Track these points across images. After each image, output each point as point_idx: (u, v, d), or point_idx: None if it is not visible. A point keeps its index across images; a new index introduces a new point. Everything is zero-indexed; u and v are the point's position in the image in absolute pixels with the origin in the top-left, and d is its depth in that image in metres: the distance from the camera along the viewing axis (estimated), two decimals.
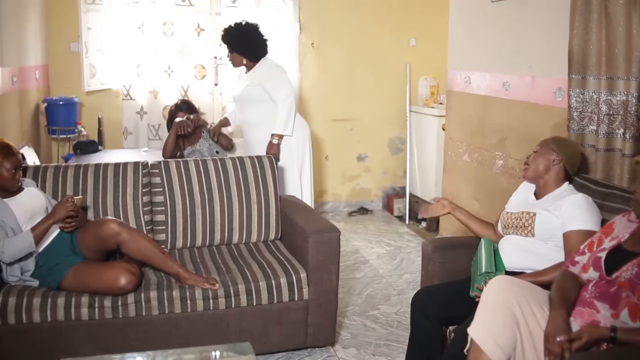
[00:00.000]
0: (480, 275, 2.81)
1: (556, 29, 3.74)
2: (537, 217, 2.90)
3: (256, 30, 4.85)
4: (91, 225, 3.33)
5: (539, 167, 3.02)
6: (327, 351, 3.59)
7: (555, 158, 3.00)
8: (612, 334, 2.14)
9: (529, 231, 2.91)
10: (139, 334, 3.19)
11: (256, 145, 4.76)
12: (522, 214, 2.98)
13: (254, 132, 4.79)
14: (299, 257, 3.57)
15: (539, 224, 2.89)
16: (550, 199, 2.97)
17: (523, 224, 2.95)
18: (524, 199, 3.13)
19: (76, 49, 5.93)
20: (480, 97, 4.73)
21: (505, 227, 3.07)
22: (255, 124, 4.77)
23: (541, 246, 2.89)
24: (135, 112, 6.17)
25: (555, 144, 3.03)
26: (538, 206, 2.97)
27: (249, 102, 4.77)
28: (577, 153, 3.10)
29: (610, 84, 3.25)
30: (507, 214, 3.10)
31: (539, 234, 2.89)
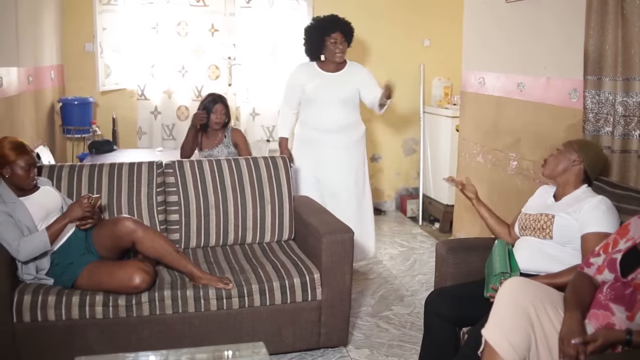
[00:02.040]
0: (495, 276, 2.79)
1: (571, 29, 3.72)
2: (555, 220, 2.88)
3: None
4: (106, 223, 3.35)
5: (558, 165, 3.01)
6: (339, 352, 3.58)
7: (576, 159, 2.98)
8: (627, 336, 2.13)
9: (547, 234, 2.89)
10: (152, 333, 3.20)
11: (356, 145, 4.73)
12: (540, 215, 2.96)
13: (352, 134, 4.70)
14: (312, 257, 3.57)
15: (557, 227, 2.87)
16: (570, 201, 2.95)
17: (541, 226, 2.93)
18: (542, 201, 3.11)
19: (91, 49, 5.96)
20: (494, 98, 4.71)
21: (523, 229, 3.05)
22: (344, 126, 4.65)
23: (558, 249, 2.86)
24: (150, 112, 6.20)
25: (577, 145, 3.01)
26: (557, 208, 2.95)
27: (352, 103, 4.69)
28: (600, 158, 3.08)
29: (627, 85, 3.23)
30: (526, 215, 3.08)
31: (557, 237, 2.87)
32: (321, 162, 4.63)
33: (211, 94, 4.84)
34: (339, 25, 4.57)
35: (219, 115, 4.68)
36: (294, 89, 4.71)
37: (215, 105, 4.67)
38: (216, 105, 4.68)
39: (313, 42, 4.63)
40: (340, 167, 4.64)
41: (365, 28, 6.39)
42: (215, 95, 4.80)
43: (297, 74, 4.74)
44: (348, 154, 4.67)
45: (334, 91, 4.60)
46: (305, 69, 4.72)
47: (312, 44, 4.65)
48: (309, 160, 4.68)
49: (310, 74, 4.65)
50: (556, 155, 3.04)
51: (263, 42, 6.24)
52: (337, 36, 4.54)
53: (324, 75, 4.65)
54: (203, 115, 4.67)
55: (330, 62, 4.64)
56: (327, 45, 4.56)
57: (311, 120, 4.65)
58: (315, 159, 4.65)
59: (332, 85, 4.62)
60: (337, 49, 4.55)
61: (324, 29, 4.55)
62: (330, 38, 4.53)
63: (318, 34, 4.58)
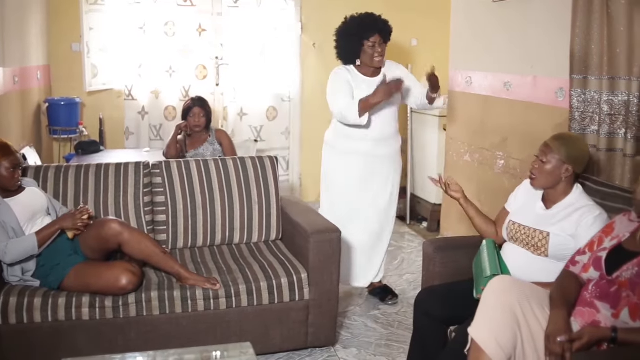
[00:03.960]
0: (486, 278, 2.73)
1: (558, 28, 3.73)
2: (551, 238, 2.77)
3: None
4: (93, 225, 3.33)
5: (549, 179, 2.85)
6: (328, 351, 3.58)
7: (567, 169, 2.82)
8: (613, 334, 2.14)
9: (543, 252, 2.80)
10: (140, 334, 3.19)
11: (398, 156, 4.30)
12: (534, 232, 2.84)
13: (396, 144, 4.27)
14: (300, 257, 3.57)
15: (553, 246, 2.77)
16: (563, 209, 2.83)
17: (536, 243, 2.82)
18: (531, 207, 2.97)
19: (78, 49, 5.94)
20: (481, 97, 4.73)
21: (514, 239, 2.95)
22: (391, 134, 4.22)
23: (553, 263, 2.76)
24: (137, 112, 6.18)
25: (563, 153, 2.81)
26: (551, 222, 2.82)
27: (396, 110, 4.24)
28: (584, 152, 2.91)
29: (612, 84, 3.25)
30: (515, 226, 2.95)
31: (553, 255, 2.78)
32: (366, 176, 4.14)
33: (189, 99, 4.96)
34: (377, 27, 4.06)
35: (197, 118, 4.74)
36: (346, 83, 4.07)
37: (193, 109, 4.74)
38: (193, 109, 4.75)
39: (349, 45, 4.10)
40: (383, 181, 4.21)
41: None
42: (191, 99, 4.91)
43: (340, 74, 4.13)
44: (392, 164, 4.24)
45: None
46: (347, 72, 4.12)
47: (348, 48, 4.11)
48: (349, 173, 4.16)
49: (355, 79, 4.08)
50: (542, 168, 2.86)
51: (251, 42, 6.25)
52: (376, 39, 4.03)
53: (368, 82, 4.08)
54: (184, 125, 4.78)
55: (367, 66, 4.11)
56: (365, 50, 4.04)
57: (354, 132, 4.07)
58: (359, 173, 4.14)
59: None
60: (376, 53, 4.04)
61: (362, 32, 4.04)
62: (369, 42, 4.02)
63: (355, 37, 4.05)
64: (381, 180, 4.19)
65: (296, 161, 6.65)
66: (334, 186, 4.25)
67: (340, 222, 3.74)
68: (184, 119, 4.83)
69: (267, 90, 6.42)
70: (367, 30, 4.04)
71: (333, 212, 4.12)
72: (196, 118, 4.75)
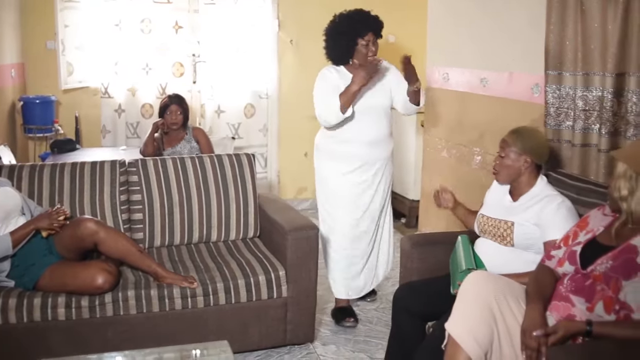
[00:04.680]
0: (462, 272, 2.78)
1: (533, 25, 3.75)
2: (515, 228, 2.84)
3: None
4: (68, 225, 3.30)
5: (510, 172, 2.93)
6: (306, 348, 3.58)
7: (525, 160, 2.90)
8: (587, 327, 2.16)
9: (508, 242, 2.87)
10: (117, 333, 3.17)
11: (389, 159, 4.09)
12: (500, 222, 2.92)
13: (383, 149, 4.01)
14: (277, 254, 3.56)
15: (518, 235, 2.84)
16: (528, 200, 2.90)
17: (502, 233, 2.89)
18: (499, 200, 3.06)
19: (53, 46, 5.87)
20: (458, 94, 4.74)
21: (482, 232, 3.03)
22: (385, 135, 4.00)
23: (520, 253, 2.85)
24: (114, 110, 6.13)
25: (519, 145, 2.90)
26: (515, 212, 2.90)
27: (389, 110, 4.02)
28: (541, 144, 2.99)
29: (586, 80, 3.27)
30: (484, 218, 3.03)
31: (518, 244, 2.84)
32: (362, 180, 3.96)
33: (166, 96, 4.93)
34: (370, 24, 3.86)
35: (174, 115, 4.74)
36: (334, 85, 3.84)
37: (170, 107, 4.74)
38: (170, 106, 4.74)
39: (342, 45, 3.89)
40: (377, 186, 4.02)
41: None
42: (168, 97, 4.90)
43: (329, 77, 3.93)
44: (387, 167, 4.06)
45: (373, 98, 3.90)
46: (336, 73, 3.92)
47: (340, 48, 3.90)
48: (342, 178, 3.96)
49: (345, 81, 3.83)
50: (502, 163, 2.95)
51: (228, 39, 6.21)
52: (369, 37, 3.84)
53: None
54: (161, 123, 4.76)
55: (360, 66, 3.85)
56: (359, 49, 3.84)
57: (347, 135, 3.88)
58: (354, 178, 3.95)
59: (370, 91, 3.89)
60: (370, 52, 3.84)
61: (355, 30, 3.83)
62: (362, 40, 3.82)
63: (347, 36, 3.84)
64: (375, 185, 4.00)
65: (274, 158, 6.63)
66: (334, 195, 3.98)
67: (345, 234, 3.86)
68: (160, 116, 4.81)
69: (245, 88, 6.40)
70: (359, 28, 3.84)
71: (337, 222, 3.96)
72: (173, 115, 4.74)
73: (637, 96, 2.98)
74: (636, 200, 2.26)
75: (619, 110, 3.11)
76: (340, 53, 3.92)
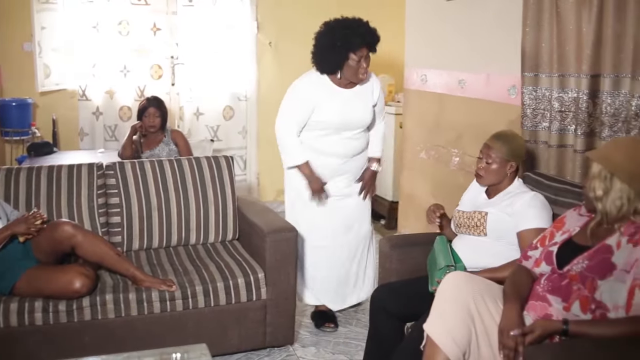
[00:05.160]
0: (441, 270, 2.82)
1: (510, 27, 3.78)
2: (488, 217, 2.91)
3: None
4: (45, 229, 3.26)
5: (496, 177, 2.98)
6: (286, 350, 3.58)
7: (510, 165, 2.97)
8: (564, 326, 2.18)
9: (481, 230, 2.93)
10: (95, 337, 3.14)
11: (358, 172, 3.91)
12: (473, 213, 2.99)
13: (359, 160, 3.87)
14: (256, 257, 3.55)
15: (490, 223, 2.90)
16: (502, 197, 2.98)
17: (475, 223, 2.96)
18: (475, 197, 3.13)
19: (29, 48, 5.82)
20: (436, 95, 4.77)
21: (458, 226, 3.08)
22: (363, 148, 3.86)
23: (494, 244, 2.91)
24: (91, 113, 6.09)
25: (505, 151, 2.95)
26: (490, 205, 2.98)
27: (364, 126, 3.82)
28: (522, 146, 3.07)
29: (562, 81, 3.30)
30: (459, 213, 3.09)
31: (491, 233, 2.91)
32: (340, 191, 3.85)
33: (144, 99, 4.90)
34: (365, 39, 3.59)
35: (152, 118, 4.71)
36: (305, 106, 3.68)
37: (147, 110, 4.71)
38: (148, 109, 4.72)
39: (332, 57, 3.63)
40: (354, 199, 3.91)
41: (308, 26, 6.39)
42: (146, 99, 4.87)
43: (307, 89, 3.73)
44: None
45: (354, 113, 3.72)
46: (317, 84, 3.71)
47: (330, 59, 3.65)
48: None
49: (326, 92, 3.68)
50: (487, 168, 2.97)
51: (206, 41, 6.20)
52: (362, 52, 3.57)
53: (341, 94, 3.70)
54: (139, 126, 4.74)
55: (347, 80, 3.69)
56: (349, 64, 3.58)
57: (325, 147, 3.73)
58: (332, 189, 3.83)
59: (352, 105, 3.71)
60: (362, 69, 3.60)
61: (348, 44, 3.56)
62: (354, 55, 3.56)
63: (340, 48, 3.58)
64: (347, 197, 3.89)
65: (253, 160, 6.62)
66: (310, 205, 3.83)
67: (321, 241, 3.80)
68: (139, 119, 4.78)
69: (224, 90, 6.38)
70: (353, 41, 3.55)
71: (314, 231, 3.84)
72: (151, 118, 4.72)
73: (612, 97, 3.01)
74: (611, 201, 2.28)
75: (594, 112, 3.14)
76: (329, 65, 3.67)
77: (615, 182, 2.27)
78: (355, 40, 3.55)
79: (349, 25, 3.61)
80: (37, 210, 3.34)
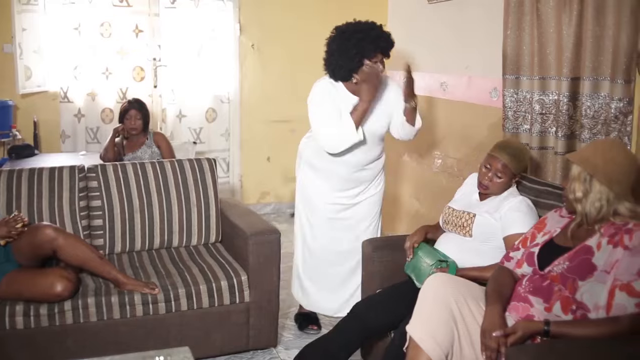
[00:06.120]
0: (433, 264, 2.85)
1: (491, 30, 3.81)
2: (476, 219, 2.94)
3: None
4: (26, 232, 3.24)
5: (503, 189, 3.00)
6: (269, 353, 3.58)
7: (517, 179, 3.03)
8: (545, 327, 2.20)
9: (467, 232, 2.95)
10: (77, 341, 3.12)
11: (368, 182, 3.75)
12: (462, 213, 3.02)
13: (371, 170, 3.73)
14: (239, 259, 3.55)
15: (477, 226, 2.92)
16: (492, 200, 3.00)
17: (462, 223, 2.98)
18: (468, 197, 3.16)
19: (10, 50, 5.76)
20: (419, 98, 4.76)
21: (446, 223, 3.11)
22: (375, 158, 3.71)
23: (479, 245, 2.93)
24: (73, 115, 6.04)
25: (515, 167, 2.96)
26: (480, 207, 3.00)
27: (378, 137, 3.64)
28: (529, 158, 3.12)
29: (543, 84, 3.34)
30: (449, 210, 3.12)
31: (476, 235, 2.93)
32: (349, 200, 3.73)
33: (126, 101, 4.89)
34: (380, 44, 3.43)
35: (134, 120, 4.70)
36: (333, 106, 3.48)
37: (129, 112, 4.70)
38: (129, 111, 4.71)
39: (345, 63, 3.44)
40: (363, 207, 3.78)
41: (291, 28, 6.41)
42: (128, 102, 4.86)
43: (327, 90, 3.55)
44: (375, 187, 3.80)
45: (371, 123, 3.54)
46: (332, 90, 3.54)
47: (343, 66, 3.45)
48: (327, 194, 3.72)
49: (340, 96, 3.52)
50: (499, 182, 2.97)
51: (189, 43, 6.17)
52: (377, 58, 3.43)
53: (355, 101, 3.49)
54: (121, 129, 4.74)
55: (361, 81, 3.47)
56: (364, 70, 3.41)
57: (336, 156, 3.57)
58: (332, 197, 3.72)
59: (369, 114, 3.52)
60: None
61: (363, 50, 3.39)
62: (369, 61, 3.41)
63: (354, 55, 3.41)
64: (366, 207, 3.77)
65: (236, 163, 6.61)
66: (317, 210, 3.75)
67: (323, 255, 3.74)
68: (120, 121, 4.76)
69: (206, 92, 6.36)
70: (369, 48, 3.39)
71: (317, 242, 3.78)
72: (132, 121, 4.70)
73: (591, 100, 3.05)
74: (590, 202, 2.31)
75: (574, 114, 3.18)
76: (342, 71, 3.48)
77: (594, 184, 2.30)
78: (369, 46, 3.39)
79: (362, 30, 3.46)
80: (18, 213, 3.32)
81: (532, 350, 2.20)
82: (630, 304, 2.12)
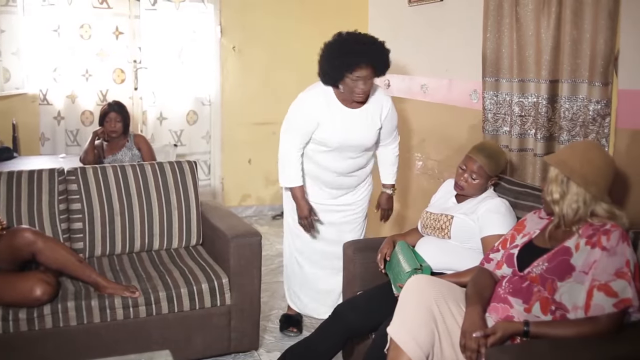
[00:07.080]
0: (407, 273, 2.83)
1: (471, 32, 3.83)
2: (454, 221, 2.95)
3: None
4: (5, 235, 3.22)
5: (479, 191, 3.02)
6: (251, 356, 3.57)
7: (493, 180, 3.06)
8: (525, 328, 2.23)
9: (446, 233, 2.97)
10: (57, 346, 3.09)
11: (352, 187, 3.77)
12: (440, 215, 3.03)
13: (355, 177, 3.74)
14: (220, 262, 3.54)
15: (455, 227, 2.94)
16: (470, 202, 3.02)
17: (440, 225, 3.00)
18: (445, 200, 3.18)
19: None
20: (399, 100, 4.80)
21: (424, 227, 3.12)
22: (361, 166, 3.71)
23: (457, 247, 2.95)
24: (53, 118, 6.00)
25: (492, 168, 2.99)
26: (457, 209, 3.02)
27: (365, 148, 3.63)
28: (505, 161, 3.15)
29: (522, 87, 3.36)
30: (427, 214, 3.14)
31: (455, 237, 2.95)
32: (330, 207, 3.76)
33: (106, 104, 4.89)
34: (367, 57, 3.30)
35: (113, 123, 4.69)
36: (310, 120, 3.48)
37: (109, 114, 4.70)
38: (109, 114, 4.70)
39: (330, 71, 3.39)
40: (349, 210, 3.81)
41: (272, 30, 6.41)
42: (107, 104, 4.86)
43: (313, 103, 3.49)
44: (362, 192, 3.83)
45: (355, 134, 3.51)
46: (322, 98, 3.49)
47: (329, 73, 3.41)
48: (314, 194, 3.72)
49: (330, 108, 3.48)
50: (474, 183, 2.99)
51: (170, 45, 6.15)
52: (362, 73, 3.29)
53: (345, 113, 3.48)
54: (101, 131, 4.73)
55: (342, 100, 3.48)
56: (346, 81, 3.33)
57: (323, 162, 3.60)
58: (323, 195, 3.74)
59: (355, 127, 3.50)
60: (358, 89, 3.34)
61: (348, 60, 3.28)
62: (352, 75, 3.30)
63: (339, 64, 3.32)
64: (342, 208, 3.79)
65: (217, 165, 6.59)
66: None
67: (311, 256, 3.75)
68: (100, 124, 4.74)
69: (187, 94, 6.34)
70: (354, 60, 3.28)
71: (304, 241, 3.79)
72: (112, 123, 4.68)
73: (570, 102, 3.08)
74: (567, 204, 2.33)
75: (553, 116, 3.21)
76: (328, 78, 3.44)
77: (571, 186, 2.32)
78: (352, 60, 3.27)
79: (357, 41, 3.36)
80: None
81: (512, 350, 2.22)
82: (608, 304, 2.14)
